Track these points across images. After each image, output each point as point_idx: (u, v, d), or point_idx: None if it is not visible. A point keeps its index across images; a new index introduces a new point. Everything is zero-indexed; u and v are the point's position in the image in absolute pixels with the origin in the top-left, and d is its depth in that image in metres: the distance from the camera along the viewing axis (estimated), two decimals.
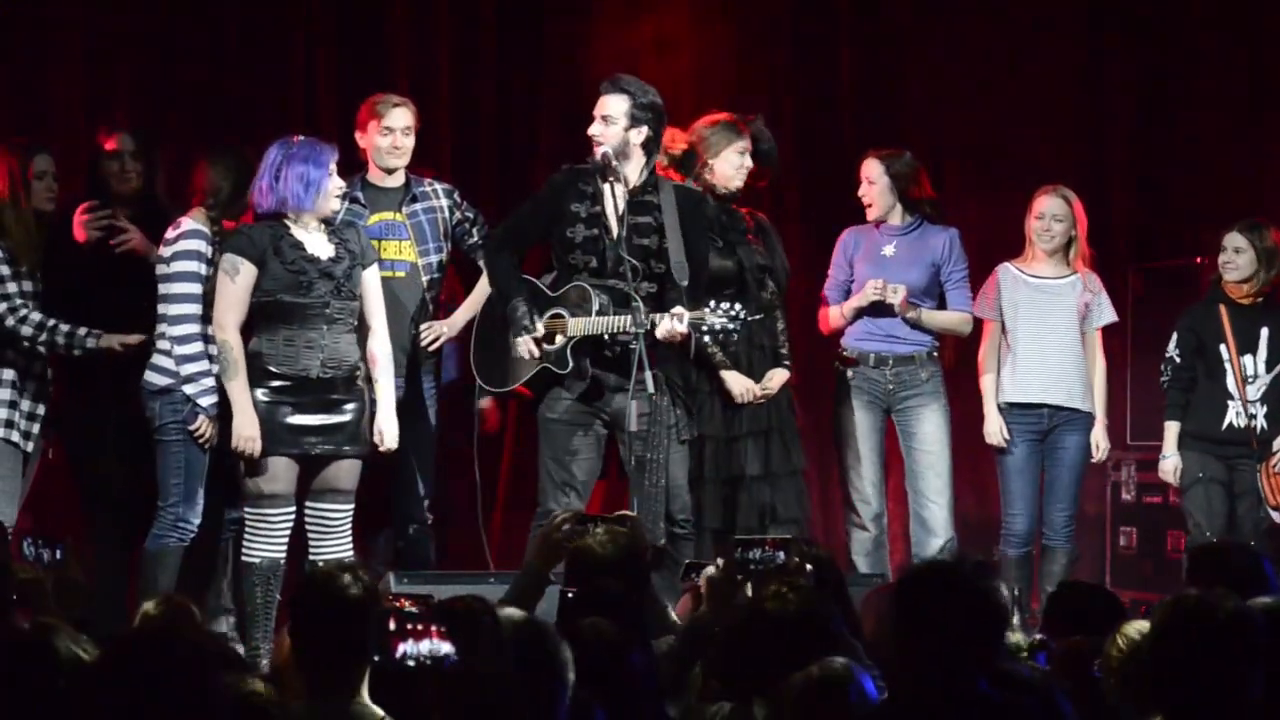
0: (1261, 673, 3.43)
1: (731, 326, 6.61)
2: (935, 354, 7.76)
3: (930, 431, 7.71)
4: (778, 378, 7.35)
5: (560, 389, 6.84)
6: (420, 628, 3.05)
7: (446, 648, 3.03)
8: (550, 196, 6.93)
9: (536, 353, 6.75)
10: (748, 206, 7.52)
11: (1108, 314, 7.84)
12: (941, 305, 7.77)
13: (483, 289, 7.25)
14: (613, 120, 6.82)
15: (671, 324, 6.61)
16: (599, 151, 6.81)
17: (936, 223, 7.81)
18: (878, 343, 7.70)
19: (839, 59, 9.61)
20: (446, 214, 7.24)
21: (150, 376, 6.73)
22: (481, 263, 7.18)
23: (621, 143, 6.83)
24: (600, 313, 6.73)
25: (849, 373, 7.71)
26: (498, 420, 7.96)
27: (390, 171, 7.21)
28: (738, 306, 6.64)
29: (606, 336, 6.72)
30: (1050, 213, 7.76)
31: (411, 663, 3.08)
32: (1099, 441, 7.77)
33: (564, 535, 5.05)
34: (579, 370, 6.79)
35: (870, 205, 7.77)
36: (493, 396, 7.34)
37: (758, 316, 7.07)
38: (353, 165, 7.19)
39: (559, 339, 6.79)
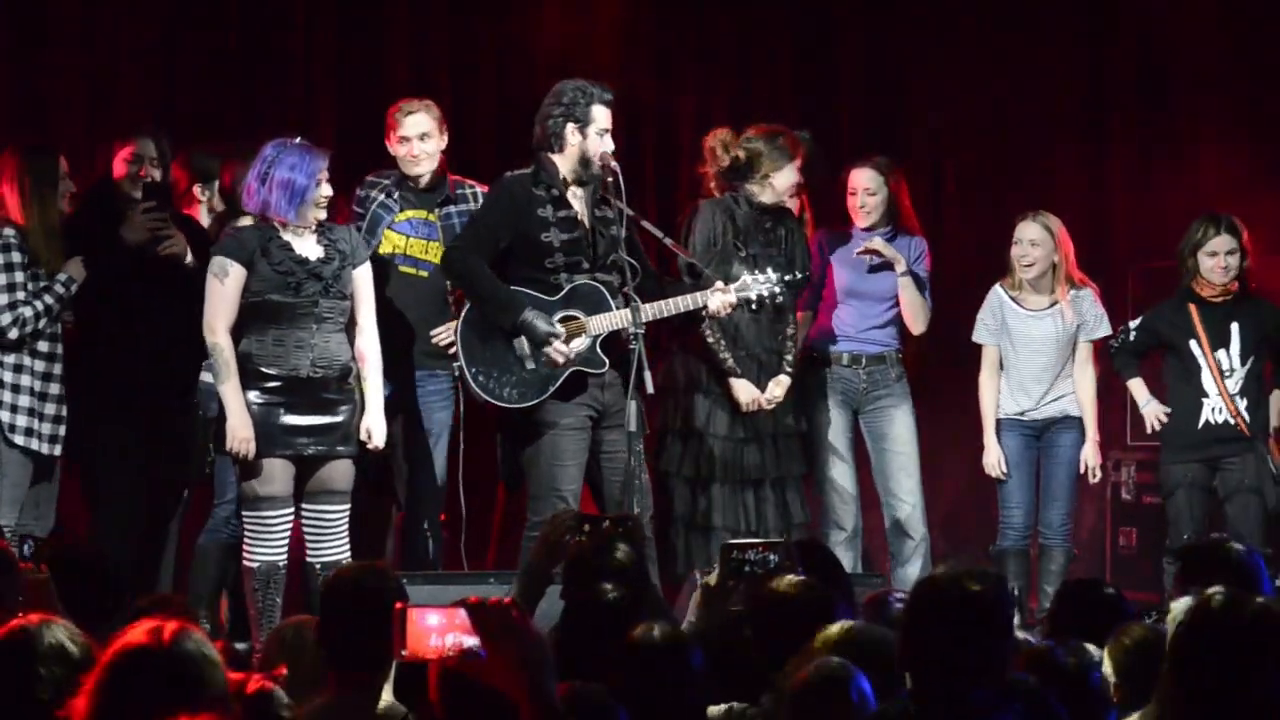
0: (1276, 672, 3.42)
1: (778, 290, 6.87)
2: (900, 355, 7.81)
3: (901, 432, 7.75)
4: (782, 385, 7.35)
5: (558, 395, 6.76)
6: (445, 621, 3.08)
7: (472, 641, 3.06)
8: (513, 203, 6.81)
9: (571, 355, 6.70)
10: None
11: (1099, 328, 7.83)
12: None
13: None
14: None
15: (722, 298, 6.79)
16: (610, 160, 6.79)
17: (909, 232, 7.82)
18: (849, 343, 7.73)
19: (839, 59, 9.63)
20: None
21: (205, 377, 6.80)
22: (445, 274, 7.00)
23: None
24: (608, 308, 6.74)
25: (824, 373, 7.73)
26: None
27: (416, 177, 7.17)
28: (772, 272, 6.87)
29: (632, 330, 6.60)
30: (1028, 238, 7.76)
31: (438, 656, 3.12)
32: (1089, 459, 7.78)
33: (564, 535, 5.03)
34: (603, 367, 6.74)
35: (868, 214, 7.76)
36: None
37: (801, 276, 7.18)
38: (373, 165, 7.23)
39: (581, 340, 6.74)
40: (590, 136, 6.78)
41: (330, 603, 4.12)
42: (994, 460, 7.80)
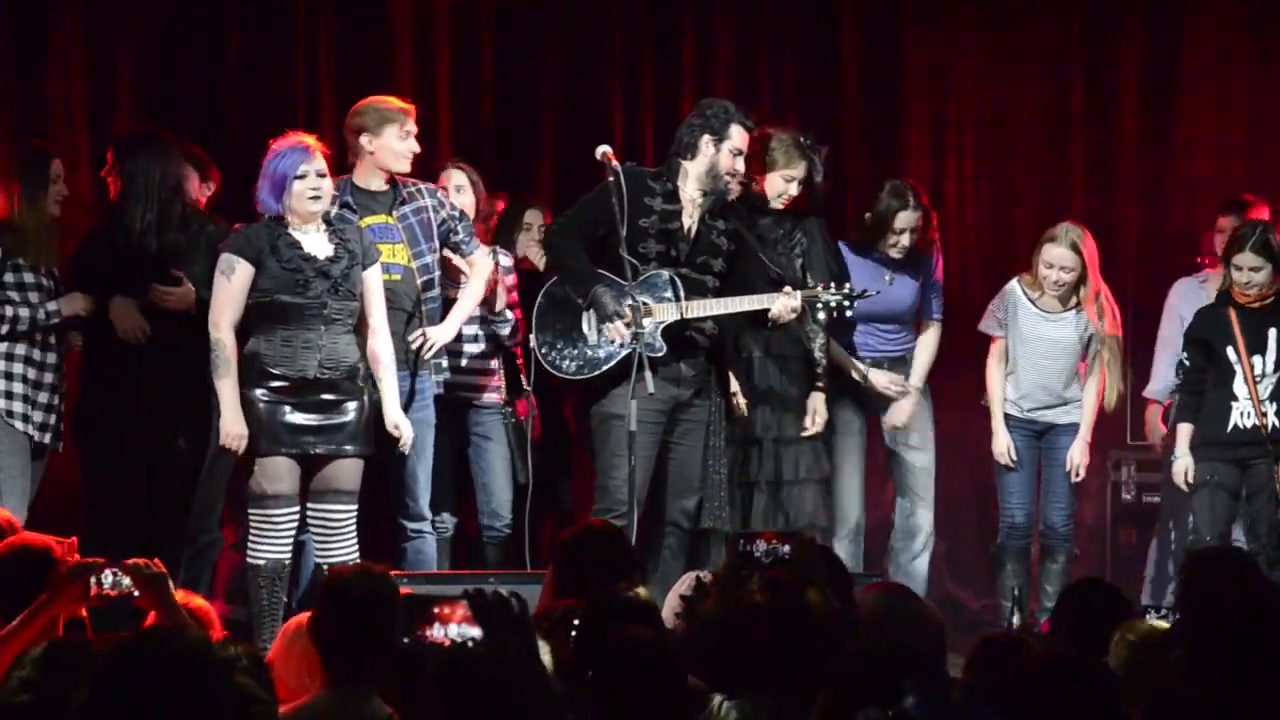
0: None
1: (846, 304, 6.95)
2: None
3: (917, 439, 7.79)
4: (820, 404, 7.36)
5: (623, 385, 6.82)
6: (447, 612, 3.11)
7: (474, 631, 3.08)
8: (620, 191, 6.89)
9: (628, 336, 6.76)
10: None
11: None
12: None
13: (473, 292, 7.24)
14: None
15: (786, 302, 6.88)
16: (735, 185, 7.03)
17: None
18: (870, 352, 7.72)
19: (840, 60, 9.64)
20: (432, 214, 7.16)
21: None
22: (543, 248, 7.15)
23: None
24: (679, 298, 6.87)
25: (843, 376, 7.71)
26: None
27: (390, 175, 7.17)
28: (848, 285, 6.99)
29: (635, 330, 6.69)
30: (1060, 263, 7.70)
31: (440, 645, 3.14)
32: (1075, 458, 7.77)
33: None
34: (661, 358, 6.80)
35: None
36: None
37: (874, 292, 7.22)
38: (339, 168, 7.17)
39: (647, 323, 6.80)
40: (723, 152, 6.99)
41: (323, 603, 4.16)
42: (1003, 449, 7.80)
